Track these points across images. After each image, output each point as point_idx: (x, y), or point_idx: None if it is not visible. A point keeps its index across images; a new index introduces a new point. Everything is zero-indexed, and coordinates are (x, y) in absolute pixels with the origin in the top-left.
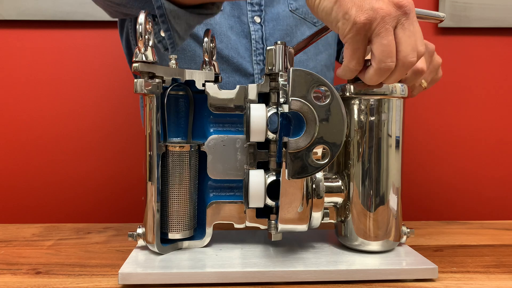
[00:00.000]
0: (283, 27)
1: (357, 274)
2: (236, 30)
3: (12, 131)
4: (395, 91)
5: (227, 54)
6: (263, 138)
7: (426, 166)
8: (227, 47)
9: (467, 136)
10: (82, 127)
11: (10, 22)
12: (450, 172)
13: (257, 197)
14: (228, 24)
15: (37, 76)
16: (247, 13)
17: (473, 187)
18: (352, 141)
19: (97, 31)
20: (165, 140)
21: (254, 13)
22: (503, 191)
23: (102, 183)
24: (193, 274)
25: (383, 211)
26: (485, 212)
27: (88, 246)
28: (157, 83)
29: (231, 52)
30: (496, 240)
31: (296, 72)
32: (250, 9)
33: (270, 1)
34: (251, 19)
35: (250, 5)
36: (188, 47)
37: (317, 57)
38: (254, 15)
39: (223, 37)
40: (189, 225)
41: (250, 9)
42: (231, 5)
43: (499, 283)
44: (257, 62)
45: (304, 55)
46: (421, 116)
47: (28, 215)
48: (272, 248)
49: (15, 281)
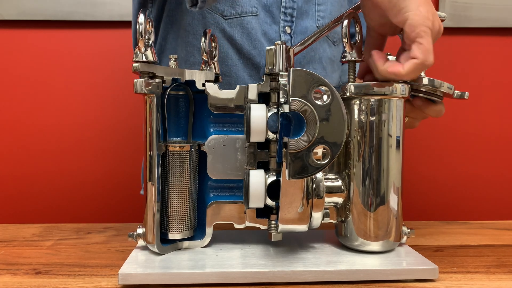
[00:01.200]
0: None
1: (357, 274)
2: (269, 37)
3: (12, 131)
4: (396, 91)
5: (258, 61)
6: (263, 138)
7: (426, 166)
8: (259, 54)
9: (467, 136)
10: (82, 127)
11: (10, 22)
12: (450, 172)
13: (257, 197)
14: (262, 30)
15: (37, 76)
16: (280, 22)
17: (473, 187)
18: (352, 141)
19: (97, 31)
20: (165, 140)
21: (286, 23)
22: (503, 191)
23: (103, 183)
24: (193, 274)
25: (383, 211)
26: (485, 212)
27: (88, 246)
28: (157, 83)
29: (262, 60)
30: (496, 240)
31: (296, 72)
32: (282, 18)
33: (300, 14)
34: (282, 29)
35: (284, 15)
36: (221, 47)
37: (333, 75)
38: (285, 25)
39: (257, 43)
40: (189, 225)
41: (282, 18)
42: (265, 12)
43: (500, 283)
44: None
45: (323, 71)
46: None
47: (28, 215)
48: (272, 248)
49: (15, 281)
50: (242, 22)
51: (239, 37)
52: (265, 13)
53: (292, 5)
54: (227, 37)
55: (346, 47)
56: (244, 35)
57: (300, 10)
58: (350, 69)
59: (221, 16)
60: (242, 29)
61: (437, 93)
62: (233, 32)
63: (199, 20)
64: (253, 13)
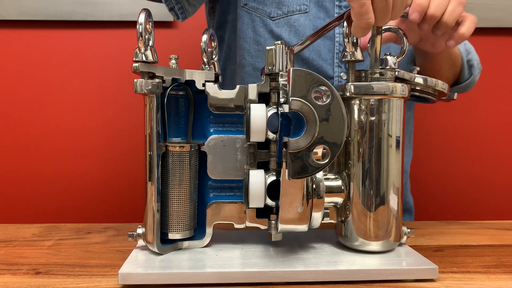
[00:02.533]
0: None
1: (357, 274)
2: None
3: (12, 131)
4: (396, 91)
5: (307, 56)
6: (263, 138)
7: (426, 166)
8: (308, 49)
9: (467, 136)
10: (82, 127)
11: (10, 22)
12: (450, 172)
13: (257, 197)
14: (313, 25)
15: (37, 76)
16: (334, 15)
17: (473, 187)
18: (352, 141)
19: (97, 31)
20: (165, 140)
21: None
22: (503, 191)
23: (103, 183)
24: (193, 274)
25: (383, 211)
26: (485, 212)
27: (88, 246)
28: (157, 83)
29: (312, 55)
30: (496, 240)
31: (296, 72)
32: (337, 12)
33: None
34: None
35: (338, 8)
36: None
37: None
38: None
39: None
40: (189, 225)
41: (337, 12)
42: (317, 7)
43: (500, 283)
44: (338, 65)
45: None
46: (421, 116)
47: (28, 215)
48: (272, 248)
49: (15, 281)
50: (289, 21)
51: (287, 35)
52: (317, 9)
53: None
54: (275, 37)
55: (347, 47)
56: (292, 33)
57: None
58: (350, 69)
59: (269, 17)
60: (290, 27)
61: (432, 92)
62: (281, 31)
63: (248, 24)
64: (302, 10)
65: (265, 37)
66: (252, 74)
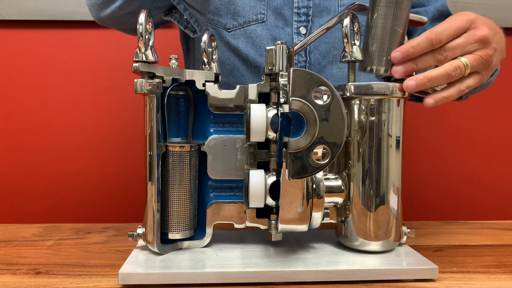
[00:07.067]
0: (330, 40)
1: (357, 274)
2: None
3: (12, 131)
4: (396, 91)
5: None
6: (263, 138)
7: (426, 166)
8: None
9: (467, 136)
10: (82, 127)
11: (10, 22)
12: (450, 172)
13: (257, 197)
14: (271, 35)
15: (37, 76)
16: (293, 23)
17: (473, 187)
18: (352, 141)
19: (97, 31)
20: (165, 140)
21: (300, 24)
22: (503, 191)
23: (103, 183)
24: (193, 274)
25: (383, 211)
26: (485, 212)
27: (88, 246)
28: (157, 83)
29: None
30: (496, 240)
31: (296, 72)
32: (296, 19)
33: (319, 12)
34: (296, 30)
35: (297, 15)
36: (227, 60)
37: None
38: (300, 25)
39: (263, 51)
40: (189, 225)
41: (296, 19)
42: (275, 16)
43: (500, 283)
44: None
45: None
46: (421, 116)
47: (28, 215)
48: (272, 248)
49: (15, 281)
50: (245, 32)
51: (244, 47)
52: (275, 17)
53: (306, 4)
54: (232, 49)
55: (346, 47)
56: (249, 45)
57: (318, 7)
58: (350, 69)
59: (224, 29)
60: (246, 38)
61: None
62: (237, 43)
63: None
64: (258, 20)
65: (222, 49)
66: None
